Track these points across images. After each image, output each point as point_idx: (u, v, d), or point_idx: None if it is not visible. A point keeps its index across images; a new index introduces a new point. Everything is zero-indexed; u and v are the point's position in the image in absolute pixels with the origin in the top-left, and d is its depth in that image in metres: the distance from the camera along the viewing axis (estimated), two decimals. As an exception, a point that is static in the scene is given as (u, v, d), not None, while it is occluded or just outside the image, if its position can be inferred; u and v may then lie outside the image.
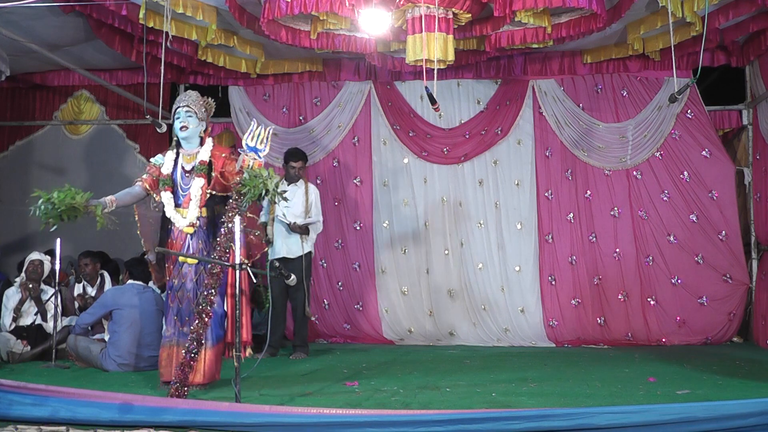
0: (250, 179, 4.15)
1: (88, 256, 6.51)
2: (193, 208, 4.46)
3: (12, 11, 5.33)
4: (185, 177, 4.53)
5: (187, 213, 4.46)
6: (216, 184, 4.51)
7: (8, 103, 8.03)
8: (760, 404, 3.17)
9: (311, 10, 5.26)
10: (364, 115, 7.49)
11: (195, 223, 4.46)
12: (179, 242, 4.49)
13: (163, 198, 4.53)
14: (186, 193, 4.49)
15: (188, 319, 4.38)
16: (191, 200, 4.46)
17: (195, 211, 4.46)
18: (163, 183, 4.53)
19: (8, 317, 6.00)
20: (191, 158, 4.56)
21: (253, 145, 4.45)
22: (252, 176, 4.16)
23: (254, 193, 4.15)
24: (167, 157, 4.61)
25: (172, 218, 4.49)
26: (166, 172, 4.57)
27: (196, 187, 4.47)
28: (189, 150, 4.60)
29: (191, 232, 4.47)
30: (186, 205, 4.47)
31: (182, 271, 4.48)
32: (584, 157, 7.15)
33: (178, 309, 4.45)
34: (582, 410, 3.26)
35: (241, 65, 7.01)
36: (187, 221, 4.45)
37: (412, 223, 7.39)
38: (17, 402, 3.52)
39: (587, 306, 7.03)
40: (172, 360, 4.36)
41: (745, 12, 5.73)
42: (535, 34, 6.06)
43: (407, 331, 7.23)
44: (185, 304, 4.43)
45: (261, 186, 4.14)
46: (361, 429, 3.24)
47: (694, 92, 7.01)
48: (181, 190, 4.53)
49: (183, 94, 4.76)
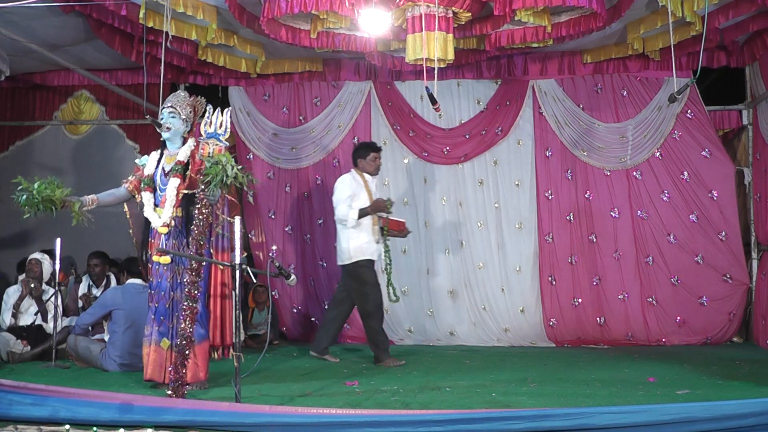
0: (210, 167, 4.10)
1: (99, 257, 6.53)
2: (168, 208, 4.47)
3: (12, 11, 5.32)
4: (164, 177, 4.56)
5: (162, 213, 4.48)
6: (191, 184, 4.50)
7: (8, 103, 8.03)
8: (760, 404, 3.18)
9: (311, 9, 5.26)
10: (364, 115, 7.49)
11: (169, 223, 4.47)
12: (157, 242, 4.54)
13: (144, 198, 4.58)
14: (163, 194, 4.52)
15: (164, 319, 4.48)
16: (166, 200, 4.48)
17: (169, 210, 4.47)
18: (144, 183, 4.58)
19: (8, 314, 6.00)
20: (172, 158, 4.59)
21: (212, 131, 4.45)
22: (212, 164, 4.11)
23: (217, 181, 4.08)
24: (151, 158, 4.66)
25: (149, 218, 4.54)
26: (148, 172, 4.62)
27: (172, 187, 4.48)
28: (172, 150, 4.64)
29: (165, 232, 4.49)
30: (162, 205, 4.50)
31: (158, 271, 4.52)
32: (584, 157, 7.15)
33: (155, 309, 4.50)
34: (582, 410, 3.26)
35: (241, 65, 7.00)
36: (161, 221, 4.48)
37: (412, 223, 7.38)
38: (17, 402, 3.52)
39: (587, 306, 7.02)
40: (150, 358, 4.45)
41: (745, 12, 5.73)
42: (535, 33, 6.06)
43: (407, 331, 7.23)
44: (161, 303, 4.49)
45: (221, 172, 4.06)
46: (361, 429, 3.24)
47: (694, 92, 7.01)
48: (159, 190, 4.57)
49: (172, 95, 4.77)
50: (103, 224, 7.77)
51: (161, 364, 4.47)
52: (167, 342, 4.47)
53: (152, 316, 4.51)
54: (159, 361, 4.47)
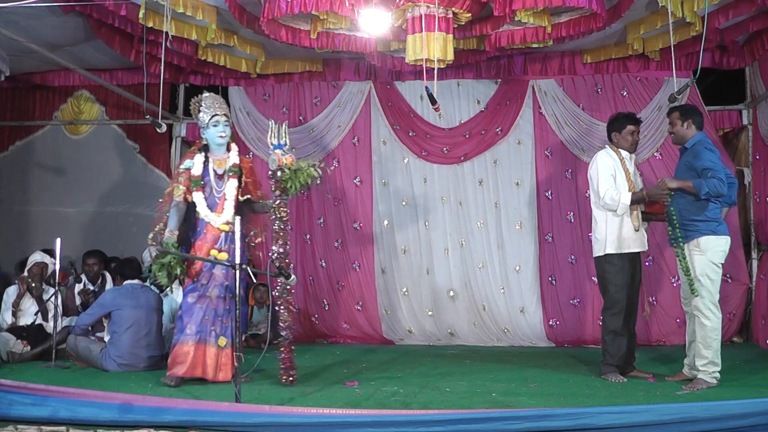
0: (292, 173, 4.53)
1: (96, 256, 6.53)
2: (229, 207, 4.72)
3: (12, 11, 5.33)
4: (218, 180, 4.78)
5: (223, 212, 4.70)
6: (244, 190, 4.82)
7: (8, 103, 8.03)
8: (760, 404, 3.18)
9: (311, 10, 5.26)
10: (364, 115, 7.49)
11: (231, 222, 4.64)
12: (209, 243, 4.67)
13: (195, 198, 4.73)
14: (220, 194, 4.75)
15: (220, 318, 4.65)
16: (226, 200, 4.73)
17: (231, 210, 4.72)
18: (195, 184, 4.73)
19: (8, 313, 6.00)
20: (223, 162, 4.83)
21: (276, 142, 4.70)
22: (293, 170, 4.53)
23: (298, 186, 4.55)
24: (196, 160, 4.80)
25: (207, 218, 4.69)
26: (197, 173, 4.76)
27: (231, 188, 4.75)
28: (219, 155, 4.86)
29: (227, 230, 4.69)
30: (221, 205, 4.72)
31: (214, 272, 4.68)
32: (584, 157, 7.14)
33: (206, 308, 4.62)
34: (582, 410, 3.27)
35: (241, 65, 7.01)
36: (224, 219, 4.70)
37: (412, 223, 7.39)
38: (17, 402, 3.53)
39: (587, 306, 7.02)
40: (190, 357, 4.54)
41: (745, 12, 5.73)
42: (535, 33, 6.06)
43: (407, 331, 7.23)
44: (218, 303, 4.65)
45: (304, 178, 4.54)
46: (361, 429, 3.24)
47: (694, 92, 7.00)
48: (215, 192, 4.77)
49: (213, 98, 4.98)
50: (104, 224, 7.87)
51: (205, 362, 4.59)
52: (224, 340, 4.65)
53: (205, 317, 4.62)
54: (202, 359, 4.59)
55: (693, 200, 4.51)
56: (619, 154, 4.94)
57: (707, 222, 4.47)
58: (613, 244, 4.78)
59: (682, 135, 4.71)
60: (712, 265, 4.45)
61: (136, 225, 7.77)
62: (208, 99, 4.93)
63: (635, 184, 4.91)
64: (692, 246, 4.50)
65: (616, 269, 4.79)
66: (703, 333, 4.41)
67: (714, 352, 4.38)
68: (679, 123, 4.71)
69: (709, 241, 4.45)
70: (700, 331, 4.43)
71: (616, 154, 4.94)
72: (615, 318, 4.80)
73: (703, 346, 4.39)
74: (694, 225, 4.49)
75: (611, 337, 4.80)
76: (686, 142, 4.70)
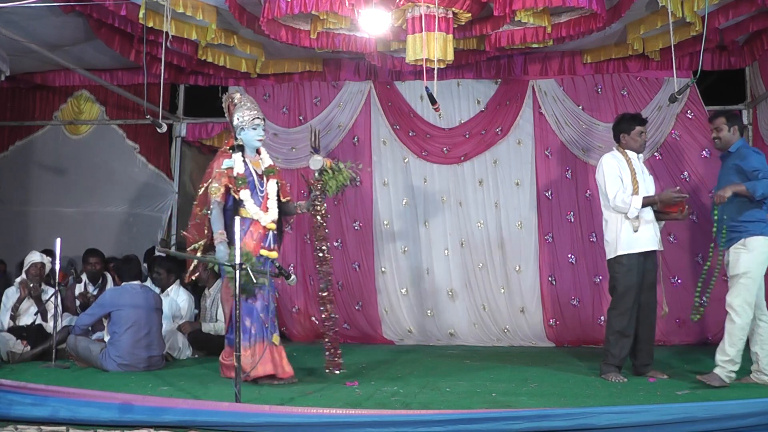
0: (333, 174, 4.87)
1: (97, 255, 6.53)
2: (273, 206, 4.82)
3: (12, 11, 5.33)
4: (259, 179, 4.85)
5: (269, 211, 4.79)
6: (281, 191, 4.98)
7: (8, 103, 8.04)
8: (760, 404, 3.18)
9: (311, 10, 5.27)
10: (364, 115, 7.49)
11: (275, 220, 4.81)
12: (258, 240, 4.70)
13: (243, 196, 4.74)
14: (263, 193, 4.82)
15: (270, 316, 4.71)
16: (269, 199, 4.82)
17: (275, 208, 4.84)
18: (240, 182, 4.75)
19: (6, 315, 6.00)
20: (257, 163, 4.92)
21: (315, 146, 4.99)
22: (335, 170, 4.86)
23: (336, 187, 4.88)
24: (237, 160, 4.81)
25: (256, 215, 4.72)
26: (240, 171, 4.78)
27: (273, 188, 4.87)
28: (253, 156, 4.93)
29: (273, 228, 4.80)
30: (265, 204, 4.80)
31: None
32: (584, 157, 7.15)
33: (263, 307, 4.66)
34: (582, 410, 3.26)
35: (241, 65, 7.01)
36: (270, 218, 4.78)
37: (412, 223, 7.39)
38: (17, 402, 3.52)
39: (587, 306, 7.02)
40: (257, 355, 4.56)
41: (745, 12, 5.73)
42: (535, 33, 6.07)
43: (407, 331, 7.23)
44: (270, 301, 4.72)
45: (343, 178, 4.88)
46: (361, 429, 3.24)
47: (694, 92, 7.00)
48: (258, 191, 4.82)
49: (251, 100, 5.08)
50: (104, 224, 7.87)
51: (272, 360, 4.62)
52: (278, 337, 4.70)
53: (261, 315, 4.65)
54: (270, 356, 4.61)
55: (744, 202, 4.55)
56: (626, 155, 4.97)
57: (755, 223, 4.53)
58: (624, 245, 4.82)
59: (727, 140, 4.75)
60: (757, 264, 4.48)
61: (136, 225, 7.78)
62: (247, 101, 4.99)
63: (644, 184, 4.92)
64: (738, 245, 4.55)
65: (625, 270, 4.80)
66: (731, 330, 4.44)
67: (737, 351, 4.40)
68: (726, 128, 4.75)
69: (758, 241, 4.50)
70: (728, 327, 4.46)
71: (622, 155, 4.97)
72: (620, 318, 4.80)
73: (729, 344, 4.41)
74: (743, 226, 4.55)
75: (615, 337, 4.81)
76: (730, 147, 4.74)
